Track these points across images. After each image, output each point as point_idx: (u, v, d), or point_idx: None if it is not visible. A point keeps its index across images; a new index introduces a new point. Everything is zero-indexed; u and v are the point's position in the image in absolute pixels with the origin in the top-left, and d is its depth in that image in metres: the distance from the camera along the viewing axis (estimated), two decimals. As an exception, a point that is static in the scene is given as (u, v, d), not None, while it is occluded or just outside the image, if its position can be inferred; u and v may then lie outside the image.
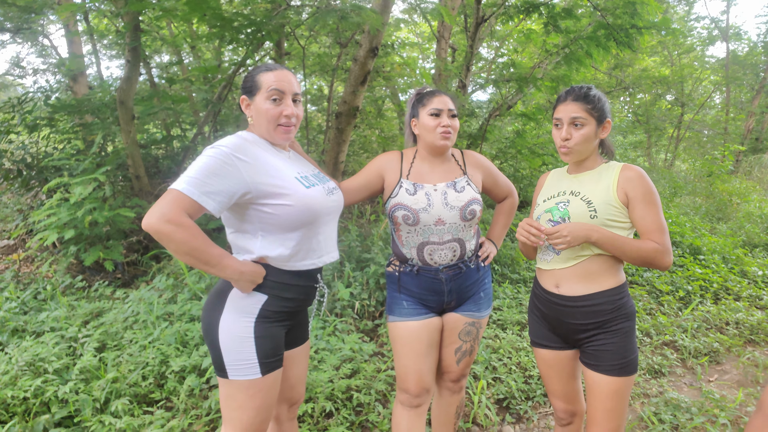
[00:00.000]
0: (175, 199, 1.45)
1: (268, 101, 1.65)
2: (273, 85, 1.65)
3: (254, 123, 1.71)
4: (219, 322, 1.61)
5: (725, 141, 15.49)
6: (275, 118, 1.67)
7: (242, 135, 1.66)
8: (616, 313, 1.76)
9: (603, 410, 1.76)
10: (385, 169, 2.09)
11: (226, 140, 1.57)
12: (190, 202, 1.46)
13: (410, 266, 2.05)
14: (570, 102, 1.78)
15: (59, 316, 3.26)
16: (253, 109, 1.69)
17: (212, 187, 1.49)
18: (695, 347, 3.90)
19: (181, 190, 1.46)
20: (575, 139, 1.78)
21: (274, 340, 1.66)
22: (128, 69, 4.82)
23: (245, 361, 1.60)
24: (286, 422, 2.00)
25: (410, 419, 2.10)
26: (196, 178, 1.48)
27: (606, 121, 1.81)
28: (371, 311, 4.00)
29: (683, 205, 8.98)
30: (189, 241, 1.45)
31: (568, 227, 1.72)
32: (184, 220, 1.45)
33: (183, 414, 2.54)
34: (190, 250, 1.46)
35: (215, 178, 1.49)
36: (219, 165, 1.51)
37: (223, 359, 1.60)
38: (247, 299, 1.62)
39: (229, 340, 1.59)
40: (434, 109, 1.97)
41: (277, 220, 1.61)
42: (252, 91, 1.68)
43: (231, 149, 1.54)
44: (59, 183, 4.22)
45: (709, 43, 17.97)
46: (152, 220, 1.43)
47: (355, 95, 4.82)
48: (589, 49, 5.91)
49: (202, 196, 1.47)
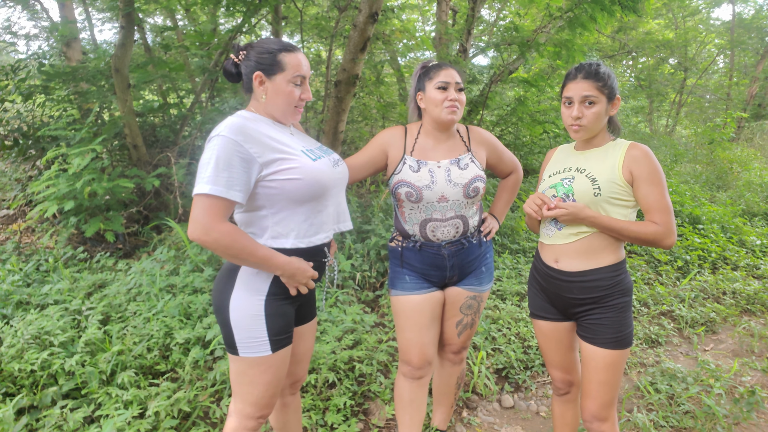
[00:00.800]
0: (207, 204, 1.46)
1: (292, 84, 1.65)
2: (299, 71, 1.65)
3: (268, 101, 1.67)
4: (230, 300, 1.61)
5: (728, 107, 15.34)
6: (295, 101, 1.68)
7: (242, 114, 1.63)
8: (613, 289, 1.79)
9: (597, 382, 1.80)
10: (389, 144, 2.07)
11: (227, 125, 1.53)
12: (221, 202, 1.47)
13: (413, 242, 2.06)
14: (581, 80, 1.75)
15: (62, 289, 3.28)
16: (270, 88, 1.65)
17: (233, 179, 1.48)
18: (692, 317, 3.95)
19: (208, 193, 1.46)
20: (587, 118, 1.77)
21: (285, 317, 1.67)
22: (122, 35, 4.70)
23: (256, 338, 1.61)
24: (289, 396, 2.04)
25: (412, 390, 2.15)
26: (216, 176, 1.46)
27: (616, 98, 1.80)
28: (372, 282, 4.03)
29: (684, 173, 8.96)
30: (232, 246, 1.49)
31: (575, 207, 1.74)
32: (224, 226, 1.47)
33: (189, 385, 2.59)
34: (236, 254, 1.51)
35: (232, 170, 1.48)
36: (230, 155, 1.48)
37: (234, 337, 1.61)
38: (257, 276, 1.62)
39: (240, 318, 1.60)
40: (442, 82, 1.94)
41: (286, 195, 1.59)
42: (272, 70, 1.64)
43: (235, 134, 1.50)
44: (57, 153, 4.18)
45: (714, 5, 17.55)
46: (196, 234, 1.46)
47: (355, 63, 4.72)
48: (594, 13, 5.78)
49: (230, 191, 1.48)
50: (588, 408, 1.85)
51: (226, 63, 1.71)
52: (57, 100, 5.54)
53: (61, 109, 5.62)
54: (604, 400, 1.82)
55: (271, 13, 6.12)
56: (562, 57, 6.23)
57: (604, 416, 1.83)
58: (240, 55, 1.68)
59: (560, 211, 1.75)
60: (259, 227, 1.64)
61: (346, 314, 3.34)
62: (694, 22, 17.70)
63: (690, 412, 2.75)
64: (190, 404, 2.45)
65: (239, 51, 1.69)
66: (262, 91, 1.66)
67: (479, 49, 9.91)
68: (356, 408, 2.70)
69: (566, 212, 1.74)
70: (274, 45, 1.66)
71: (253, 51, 1.66)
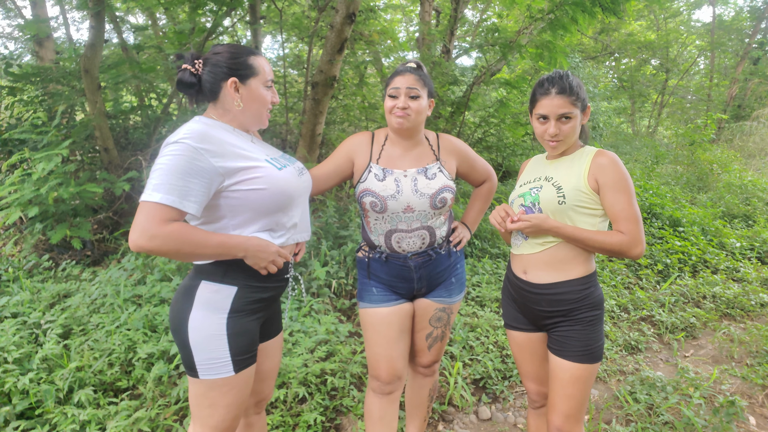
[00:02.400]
0: (154, 211, 1.35)
1: (265, 88, 1.62)
2: (271, 75, 1.64)
3: (245, 108, 1.59)
4: (188, 320, 1.50)
5: (708, 108, 15.51)
6: (268, 105, 1.66)
7: (203, 120, 1.53)
8: (582, 303, 1.74)
9: (563, 395, 1.75)
10: (355, 152, 1.99)
11: (186, 130, 1.43)
12: (169, 211, 1.36)
13: (379, 253, 1.99)
14: (555, 96, 1.71)
15: (22, 300, 3.14)
16: (245, 94, 1.59)
17: (189, 189, 1.38)
18: (672, 322, 3.92)
19: (157, 201, 1.35)
20: (564, 133, 1.74)
21: (249, 335, 1.57)
22: (92, 35, 4.56)
23: (217, 359, 1.51)
24: (254, 416, 1.94)
25: (382, 406, 2.07)
26: (169, 183, 1.36)
27: (587, 108, 1.78)
28: (349, 290, 3.94)
29: (665, 175, 9.00)
30: (183, 247, 1.38)
31: (537, 218, 1.71)
32: (168, 227, 1.35)
33: (151, 402, 2.47)
34: (190, 252, 1.40)
35: (189, 179, 1.38)
36: (188, 162, 1.38)
37: (194, 359, 1.51)
38: (217, 293, 1.52)
39: (200, 339, 1.50)
40: (392, 89, 1.88)
41: (249, 205, 1.50)
42: (247, 75, 1.58)
43: (196, 141, 1.40)
44: (21, 158, 4.02)
45: (695, 7, 17.77)
46: (137, 240, 1.34)
47: (332, 64, 4.63)
48: (575, 15, 5.75)
49: (183, 202, 1.37)
50: (552, 421, 1.79)
51: (181, 74, 1.59)
52: (26, 101, 5.36)
53: (30, 110, 5.44)
54: (569, 413, 1.76)
55: (248, 12, 5.99)
56: (544, 58, 6.20)
57: (567, 430, 1.77)
58: (196, 64, 1.58)
59: (523, 224, 1.73)
60: None
61: (320, 324, 3.25)
62: (676, 24, 17.90)
63: (669, 423, 2.70)
64: (152, 423, 2.34)
65: (194, 60, 1.59)
66: (237, 98, 1.57)
67: (463, 49, 9.86)
68: (327, 424, 2.61)
69: (529, 224, 1.72)
70: (240, 50, 1.60)
71: (220, 58, 1.57)
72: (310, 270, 3.76)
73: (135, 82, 6.04)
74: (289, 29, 7.53)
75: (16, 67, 5.33)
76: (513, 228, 1.75)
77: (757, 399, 3.03)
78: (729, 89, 16.86)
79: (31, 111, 5.45)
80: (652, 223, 5.97)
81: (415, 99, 1.87)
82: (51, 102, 5.14)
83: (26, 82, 5.10)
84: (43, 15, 6.92)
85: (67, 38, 8.02)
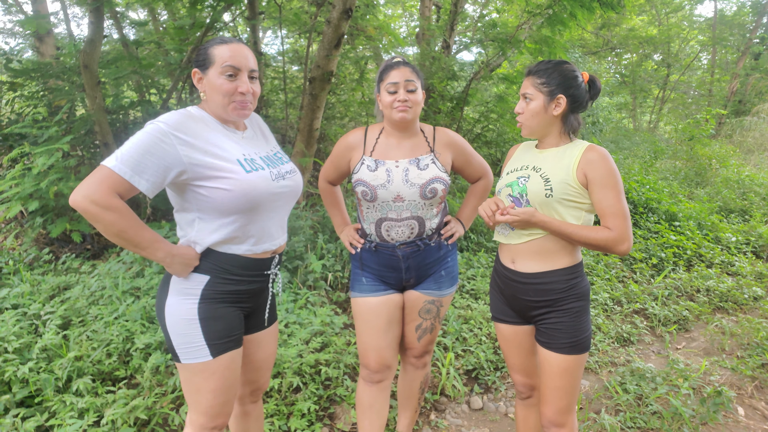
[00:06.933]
0: (105, 177, 1.38)
1: (222, 77, 1.56)
2: (228, 61, 1.55)
3: (207, 99, 1.62)
4: (165, 305, 1.57)
5: (709, 103, 15.48)
6: (229, 94, 1.58)
7: (188, 110, 1.57)
8: (568, 293, 1.77)
9: (553, 388, 1.79)
10: (352, 147, 2.06)
11: (167, 116, 1.49)
12: (120, 181, 1.39)
13: (369, 242, 2.04)
14: (526, 77, 1.79)
15: (22, 292, 3.19)
16: (206, 84, 1.60)
17: (145, 167, 1.41)
18: (665, 315, 3.96)
19: (111, 167, 1.38)
20: (525, 113, 1.79)
21: (225, 320, 1.61)
22: (91, 31, 4.59)
23: (193, 344, 1.56)
24: (250, 404, 1.99)
25: (372, 394, 2.12)
26: (129, 155, 1.40)
27: (557, 97, 1.75)
28: (345, 283, 3.98)
29: (663, 170, 9.02)
30: (116, 223, 1.40)
31: (525, 213, 1.73)
32: (112, 201, 1.38)
33: (148, 391, 2.53)
34: (118, 232, 1.42)
35: (149, 157, 1.42)
36: (154, 142, 1.43)
37: (172, 343, 1.57)
38: (188, 281, 1.57)
39: (174, 323, 1.56)
40: (390, 84, 1.91)
41: (213, 203, 1.54)
42: (205, 65, 1.59)
43: (169, 126, 1.45)
44: (21, 152, 4.07)
45: (697, 2, 17.71)
46: (77, 198, 1.36)
47: (329, 59, 4.66)
48: (573, 10, 5.76)
49: (135, 176, 1.40)
50: (545, 414, 1.83)
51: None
52: (27, 97, 5.41)
53: (31, 106, 5.49)
54: (560, 405, 1.79)
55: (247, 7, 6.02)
56: (543, 54, 6.21)
57: (561, 422, 1.81)
58: None
59: (511, 217, 1.75)
60: (186, 230, 1.60)
61: (315, 316, 3.29)
62: (678, 19, 17.83)
63: (657, 413, 2.75)
64: (149, 411, 2.39)
65: None
66: (201, 88, 1.62)
67: (463, 45, 9.87)
68: (321, 413, 2.66)
69: (517, 219, 1.74)
70: (210, 41, 1.62)
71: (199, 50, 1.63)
72: (307, 263, 3.80)
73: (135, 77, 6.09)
74: (288, 24, 7.55)
75: (17, 62, 5.37)
76: (502, 221, 1.77)
77: (746, 390, 3.07)
78: (730, 84, 16.83)
79: (32, 106, 5.49)
80: (648, 217, 6.00)
81: (413, 92, 1.92)
82: (51, 97, 5.18)
83: (27, 78, 5.14)
84: (44, 11, 6.95)
85: (68, 34, 8.06)
